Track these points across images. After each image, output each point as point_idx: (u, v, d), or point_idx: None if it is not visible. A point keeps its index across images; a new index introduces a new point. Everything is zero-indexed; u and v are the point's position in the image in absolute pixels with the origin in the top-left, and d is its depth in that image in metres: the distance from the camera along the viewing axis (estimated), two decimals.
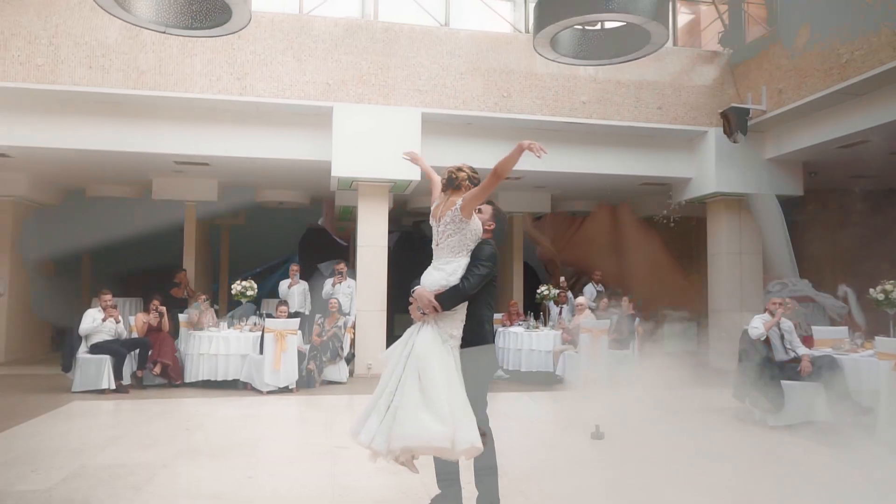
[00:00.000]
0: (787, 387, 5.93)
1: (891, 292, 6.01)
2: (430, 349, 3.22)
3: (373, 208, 9.70)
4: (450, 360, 3.23)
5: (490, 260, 3.38)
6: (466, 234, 3.37)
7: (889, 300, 6.03)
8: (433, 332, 3.29)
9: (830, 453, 5.23)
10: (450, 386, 3.13)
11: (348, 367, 8.95)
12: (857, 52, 7.98)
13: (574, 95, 9.84)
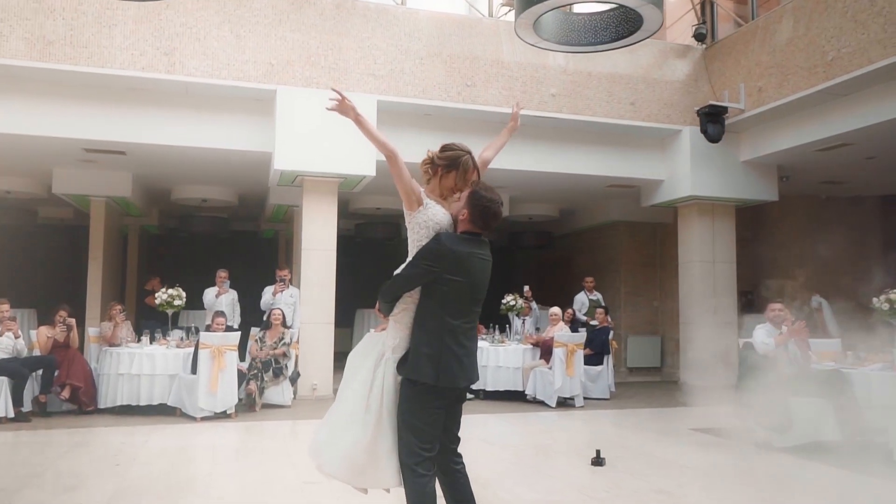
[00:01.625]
0: (794, 404, 5.98)
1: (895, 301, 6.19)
2: (355, 359, 3.21)
3: (320, 207, 9.31)
4: (371, 376, 3.08)
5: (426, 258, 3.04)
6: (413, 228, 3.19)
7: (894, 310, 6.21)
8: (373, 341, 3.18)
9: (849, 477, 5.29)
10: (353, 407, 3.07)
11: (293, 388, 8.50)
12: (843, 49, 8.29)
13: (543, 87, 9.80)
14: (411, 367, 3.01)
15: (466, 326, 3.12)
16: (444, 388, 3.01)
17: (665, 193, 11.00)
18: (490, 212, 3.11)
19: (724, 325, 10.85)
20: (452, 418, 3.19)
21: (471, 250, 3.10)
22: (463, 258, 3.06)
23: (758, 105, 9.65)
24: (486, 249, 3.16)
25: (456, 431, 3.21)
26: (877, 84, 8.25)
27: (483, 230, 3.14)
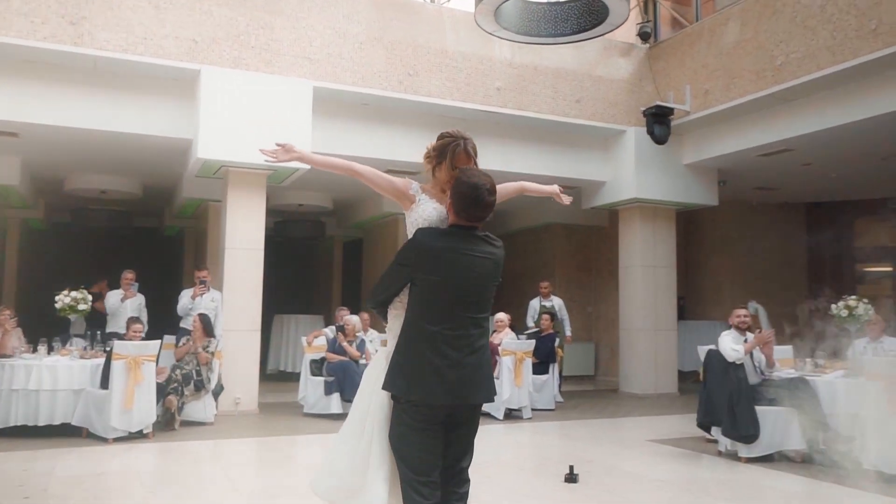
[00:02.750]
0: (760, 413, 6.09)
1: (854, 308, 6.44)
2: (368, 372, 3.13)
3: (246, 201, 8.81)
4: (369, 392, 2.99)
5: (397, 257, 2.92)
6: (409, 228, 3.05)
7: (853, 316, 6.45)
8: (382, 353, 3.04)
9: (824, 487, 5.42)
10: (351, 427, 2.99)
11: (215, 403, 7.97)
12: (792, 54, 8.62)
13: (488, 80, 9.69)
14: (387, 378, 2.86)
15: (451, 333, 2.84)
16: (423, 404, 2.80)
17: (608, 195, 11.14)
18: (469, 199, 2.85)
19: (665, 332, 11.11)
20: (454, 442, 2.92)
21: (452, 245, 2.86)
22: (439, 255, 2.85)
23: (704, 107, 9.92)
24: (479, 245, 2.88)
25: (458, 458, 2.93)
26: (823, 90, 8.63)
27: (469, 222, 2.89)
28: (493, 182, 2.90)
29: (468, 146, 3.11)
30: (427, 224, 3.01)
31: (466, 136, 3.17)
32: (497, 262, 2.93)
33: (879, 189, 12.39)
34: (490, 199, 2.86)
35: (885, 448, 5.46)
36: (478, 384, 2.88)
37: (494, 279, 2.91)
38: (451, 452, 2.91)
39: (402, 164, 10.01)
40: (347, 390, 8.26)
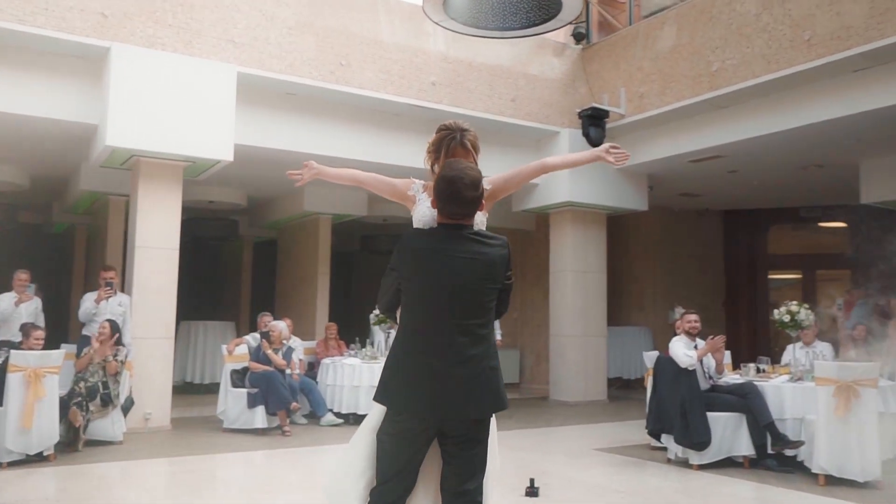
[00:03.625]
0: (710, 420, 6.19)
1: (796, 314, 6.67)
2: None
3: (159, 195, 8.26)
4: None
5: (392, 257, 2.86)
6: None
7: (795, 322, 6.69)
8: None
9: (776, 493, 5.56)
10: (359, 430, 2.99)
11: (124, 419, 7.39)
12: (728, 61, 8.92)
13: (423, 74, 9.52)
14: (377, 386, 2.87)
15: (434, 341, 2.73)
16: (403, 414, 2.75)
17: (540, 198, 11.19)
18: (446, 195, 2.74)
19: (595, 338, 11.26)
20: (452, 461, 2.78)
21: (433, 246, 2.77)
22: (419, 257, 2.77)
23: (639, 111, 10.12)
24: (465, 244, 2.74)
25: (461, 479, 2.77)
26: (757, 98, 8.95)
27: (451, 219, 2.77)
28: (475, 175, 2.75)
29: (465, 139, 3.01)
30: (422, 224, 2.96)
31: (465, 127, 3.07)
32: (490, 263, 2.76)
33: (793, 198, 13.09)
34: (469, 195, 2.72)
35: (834, 452, 5.66)
36: (467, 397, 2.71)
37: (489, 281, 2.74)
38: (452, 472, 2.78)
39: (330, 160, 9.66)
40: (273, 402, 7.88)
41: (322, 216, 12.01)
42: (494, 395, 2.75)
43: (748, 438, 6.22)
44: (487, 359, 2.75)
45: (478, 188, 2.75)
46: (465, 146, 2.99)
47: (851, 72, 7.99)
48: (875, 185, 10.35)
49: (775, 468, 6.14)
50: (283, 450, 7.31)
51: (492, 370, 2.75)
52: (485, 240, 2.79)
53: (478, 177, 2.77)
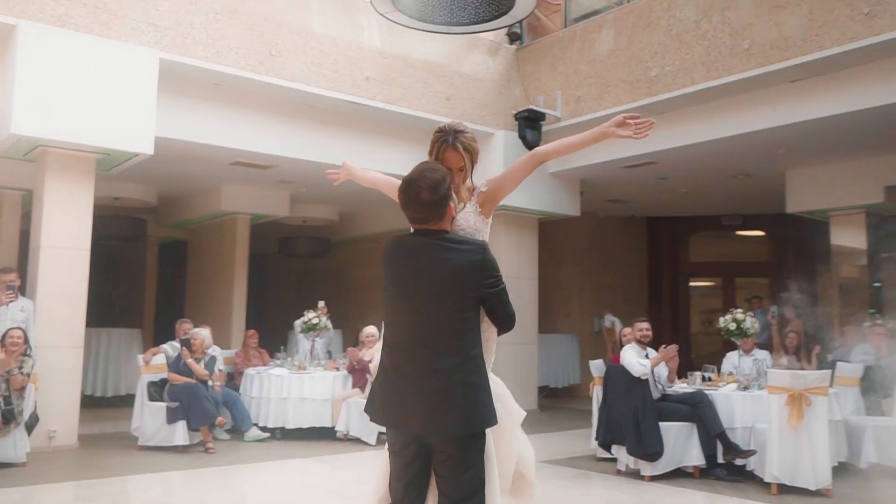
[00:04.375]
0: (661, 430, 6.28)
1: (742, 322, 6.87)
2: None
3: (69, 189, 7.70)
4: None
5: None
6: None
7: (741, 330, 6.89)
8: None
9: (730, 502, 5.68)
10: None
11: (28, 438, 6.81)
12: (667, 67, 9.14)
13: (357, 68, 9.31)
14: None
15: (408, 351, 2.75)
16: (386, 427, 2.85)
17: None
18: (402, 198, 2.78)
19: (527, 346, 11.31)
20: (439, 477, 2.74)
21: (405, 253, 2.81)
22: (391, 264, 2.85)
23: (575, 114, 10.24)
24: (433, 250, 2.73)
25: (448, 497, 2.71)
26: (695, 105, 9.22)
27: (414, 224, 2.81)
28: (435, 178, 2.72)
29: (457, 141, 2.95)
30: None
31: (460, 129, 3.00)
32: (459, 270, 2.70)
33: (718, 206, 13.61)
34: (426, 198, 2.70)
35: (786, 460, 5.84)
36: (435, 413, 2.66)
37: (459, 289, 2.69)
38: (441, 488, 2.75)
39: (254, 156, 9.36)
40: (196, 417, 7.48)
41: (240, 216, 11.56)
42: (466, 413, 2.65)
43: (699, 448, 6.34)
44: (462, 373, 2.67)
45: (437, 191, 2.70)
46: (457, 149, 2.93)
47: (789, 82, 8.34)
48: (800, 195, 10.87)
49: (725, 478, 6.28)
50: (206, 469, 6.94)
51: (465, 385, 2.66)
52: (455, 245, 2.74)
53: (439, 178, 2.72)
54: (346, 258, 14.41)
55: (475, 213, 3.01)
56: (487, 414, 2.68)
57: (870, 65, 7.77)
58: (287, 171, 10.31)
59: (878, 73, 7.76)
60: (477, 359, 2.72)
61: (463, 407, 2.65)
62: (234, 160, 9.55)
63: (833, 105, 8.16)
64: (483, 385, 2.70)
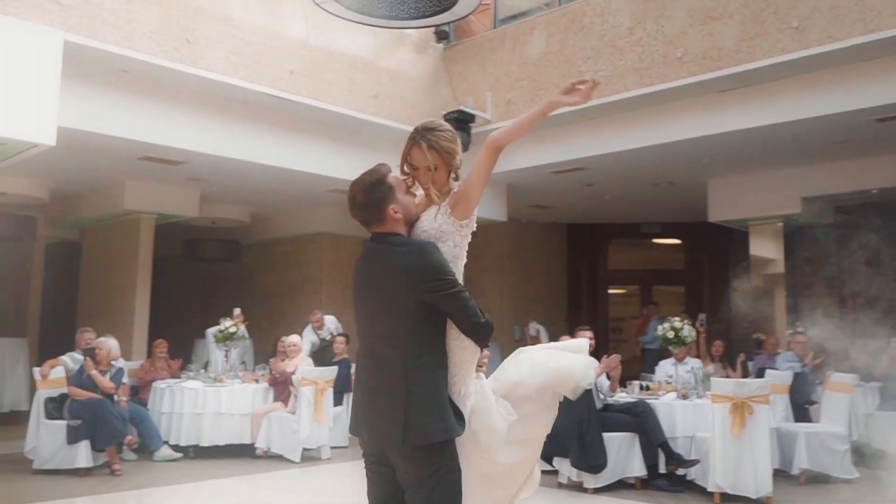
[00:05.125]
0: (605, 440, 6.33)
1: (680, 330, 7.02)
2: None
3: None
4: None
5: None
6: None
7: (679, 338, 7.03)
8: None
9: None
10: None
11: None
12: (600, 72, 9.28)
13: (280, 61, 9.01)
14: None
15: (363, 359, 2.80)
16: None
17: None
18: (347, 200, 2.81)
19: None
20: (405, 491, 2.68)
21: (362, 257, 2.84)
22: (355, 269, 2.88)
23: (506, 117, 10.24)
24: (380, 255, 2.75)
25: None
26: (627, 111, 9.40)
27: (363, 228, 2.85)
28: (371, 178, 2.77)
29: (423, 139, 2.88)
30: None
31: (431, 126, 2.94)
32: (400, 273, 2.69)
33: (639, 213, 13.99)
34: (359, 200, 2.75)
35: (728, 469, 5.99)
36: (380, 424, 2.67)
37: (401, 293, 2.67)
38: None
39: (165, 151, 8.92)
40: (102, 436, 7.02)
41: (144, 216, 10.97)
42: (405, 426, 2.60)
43: (640, 459, 6.42)
44: (406, 382, 2.63)
45: (371, 193, 2.72)
46: (420, 146, 2.86)
47: (718, 92, 8.63)
48: (721, 204, 11.30)
49: (666, 488, 6.39)
50: (114, 493, 6.54)
51: (409, 396, 2.61)
52: (397, 248, 2.73)
53: (373, 180, 2.74)
54: (257, 262, 13.94)
55: (444, 215, 2.88)
56: (434, 426, 2.60)
57: (797, 78, 8.14)
58: (200, 168, 9.86)
59: (805, 86, 8.14)
60: (426, 368, 2.66)
61: (401, 419, 2.59)
62: (143, 154, 9.04)
63: (760, 116, 8.50)
64: (431, 395, 2.63)
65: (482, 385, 2.82)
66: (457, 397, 2.75)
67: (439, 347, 2.72)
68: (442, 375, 2.70)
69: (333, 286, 13.07)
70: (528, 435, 2.94)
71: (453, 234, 2.88)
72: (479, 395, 2.79)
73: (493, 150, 2.92)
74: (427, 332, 2.69)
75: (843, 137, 8.90)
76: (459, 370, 2.78)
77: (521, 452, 2.92)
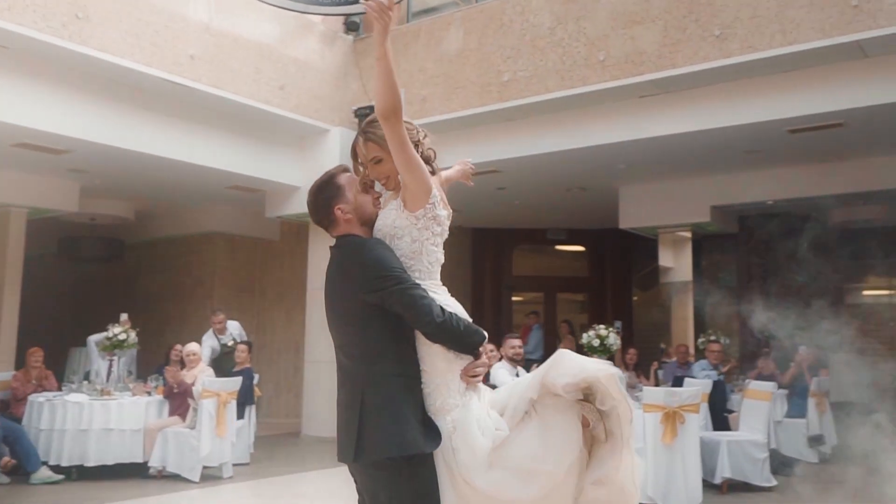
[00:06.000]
0: None
1: (605, 338, 7.10)
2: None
3: None
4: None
5: None
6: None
7: (605, 346, 7.10)
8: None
9: None
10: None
11: None
12: (520, 72, 9.32)
13: (181, 44, 8.56)
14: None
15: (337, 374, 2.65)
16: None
17: (300, 204, 10.58)
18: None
19: None
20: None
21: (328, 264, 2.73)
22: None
23: (420, 115, 10.10)
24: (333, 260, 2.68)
25: None
26: (546, 114, 9.47)
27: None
28: (316, 182, 2.70)
29: (361, 134, 2.75)
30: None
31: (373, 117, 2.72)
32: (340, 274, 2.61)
33: (544, 219, 14.18)
34: (309, 202, 2.71)
35: (660, 479, 6.08)
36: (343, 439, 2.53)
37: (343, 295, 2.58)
38: None
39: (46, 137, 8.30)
40: None
41: (15, 209, 10.19)
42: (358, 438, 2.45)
43: None
44: (363, 392, 2.49)
45: (320, 192, 2.68)
46: (358, 141, 2.74)
47: (638, 97, 8.82)
48: (632, 211, 11.60)
49: None
50: None
51: (363, 408, 2.46)
52: (340, 249, 2.66)
53: (320, 182, 2.70)
54: (141, 264, 13.22)
55: (398, 210, 2.68)
56: (387, 440, 2.43)
57: (716, 86, 8.43)
58: (83, 159, 9.21)
59: (723, 95, 8.44)
60: (381, 376, 2.50)
61: (355, 433, 2.45)
62: (19, 141, 8.36)
63: (679, 123, 8.77)
64: (386, 405, 2.47)
65: (469, 397, 2.59)
66: (432, 410, 2.55)
67: (400, 353, 2.54)
68: (401, 383, 2.51)
69: (227, 290, 12.57)
70: (531, 466, 2.43)
71: (409, 229, 2.66)
72: (462, 409, 2.57)
73: (386, 124, 2.55)
74: (380, 337, 2.53)
75: (756, 147, 9.29)
76: (433, 379, 2.57)
77: (515, 486, 2.43)
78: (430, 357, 2.57)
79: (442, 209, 2.69)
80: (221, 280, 12.54)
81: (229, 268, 12.61)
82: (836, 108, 7.94)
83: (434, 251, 2.67)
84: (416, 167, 2.62)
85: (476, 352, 2.60)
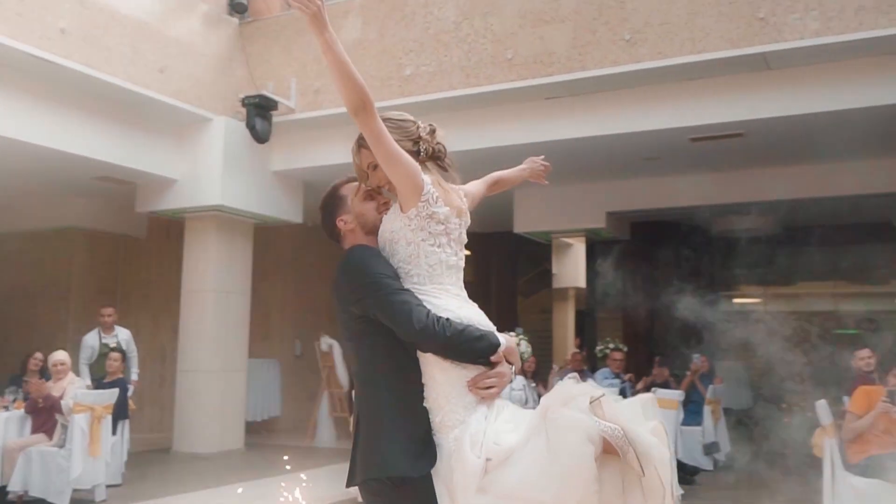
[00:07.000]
0: None
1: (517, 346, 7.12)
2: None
3: None
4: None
5: None
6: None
7: None
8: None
9: None
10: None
11: None
12: (423, 67, 9.26)
13: (49, 16, 7.96)
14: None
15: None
16: None
17: (177, 198, 10.14)
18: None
19: (235, 373, 10.56)
20: None
21: None
22: None
23: (313, 107, 9.91)
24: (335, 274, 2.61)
25: None
26: (449, 111, 9.40)
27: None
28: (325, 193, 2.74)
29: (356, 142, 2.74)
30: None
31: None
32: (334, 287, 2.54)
33: None
34: (320, 217, 2.75)
35: None
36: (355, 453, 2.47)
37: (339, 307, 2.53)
38: None
39: None
40: None
41: None
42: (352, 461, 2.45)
43: None
44: (359, 411, 2.46)
45: (324, 206, 2.72)
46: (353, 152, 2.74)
47: (545, 99, 8.96)
48: (527, 215, 11.77)
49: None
50: None
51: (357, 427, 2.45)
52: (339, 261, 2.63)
53: (327, 192, 2.74)
54: None
55: (395, 213, 2.61)
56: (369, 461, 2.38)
57: (624, 91, 8.69)
58: None
59: (630, 100, 8.71)
60: (372, 391, 2.45)
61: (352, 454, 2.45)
62: None
63: (584, 127, 8.98)
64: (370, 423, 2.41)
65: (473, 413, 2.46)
66: (434, 428, 2.42)
67: (395, 367, 2.44)
68: (391, 400, 2.41)
69: (85, 291, 11.78)
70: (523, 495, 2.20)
71: (404, 231, 2.57)
72: (464, 426, 2.44)
73: (357, 119, 2.52)
74: (371, 350, 2.45)
75: (657, 154, 9.65)
76: (431, 392, 2.44)
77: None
78: (427, 368, 2.44)
79: (440, 206, 2.55)
80: (80, 279, 11.73)
81: (89, 266, 11.82)
82: (738, 119, 8.37)
83: (434, 252, 2.53)
84: (398, 162, 2.50)
85: (483, 361, 2.46)
